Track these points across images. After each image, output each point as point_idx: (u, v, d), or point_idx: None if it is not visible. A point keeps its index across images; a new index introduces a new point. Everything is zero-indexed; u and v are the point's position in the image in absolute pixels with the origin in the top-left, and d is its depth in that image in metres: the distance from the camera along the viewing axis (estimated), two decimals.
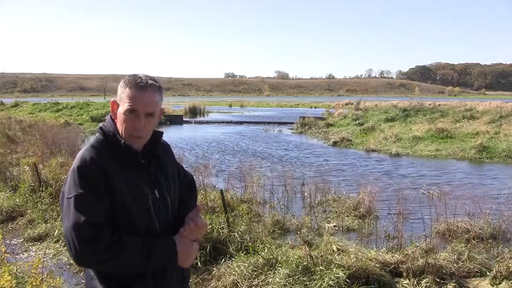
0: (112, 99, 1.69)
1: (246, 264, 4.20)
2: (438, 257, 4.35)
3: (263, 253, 4.34)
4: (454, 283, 4.06)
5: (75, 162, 1.58)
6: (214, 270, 4.35)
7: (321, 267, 3.96)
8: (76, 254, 1.47)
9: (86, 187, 1.52)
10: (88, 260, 1.52)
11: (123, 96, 1.63)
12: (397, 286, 4.09)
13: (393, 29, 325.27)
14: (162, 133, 1.78)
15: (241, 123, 27.35)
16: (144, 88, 1.62)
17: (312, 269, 3.99)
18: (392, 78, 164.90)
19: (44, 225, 5.67)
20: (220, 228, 4.97)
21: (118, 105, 1.66)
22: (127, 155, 1.64)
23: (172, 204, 1.77)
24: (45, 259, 4.54)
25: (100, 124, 1.72)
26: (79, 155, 1.61)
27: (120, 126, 1.64)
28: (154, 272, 1.62)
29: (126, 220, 1.58)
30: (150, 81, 1.64)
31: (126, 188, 1.58)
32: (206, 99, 66.44)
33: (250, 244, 4.62)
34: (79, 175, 1.53)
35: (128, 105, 1.60)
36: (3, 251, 3.48)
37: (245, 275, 4.07)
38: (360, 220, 6.37)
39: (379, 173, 10.93)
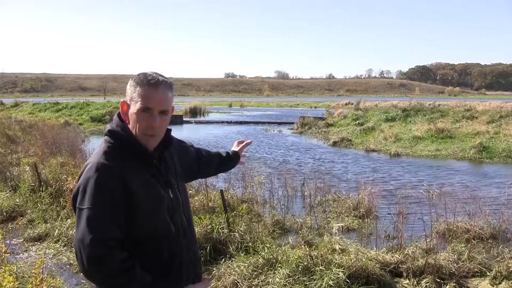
0: (122, 100, 1.63)
1: (246, 264, 4.19)
2: (438, 257, 4.35)
3: (263, 253, 4.34)
4: (454, 283, 4.06)
5: (90, 171, 1.50)
6: (214, 270, 4.35)
7: (321, 267, 3.95)
8: (84, 269, 1.45)
9: (102, 201, 1.45)
10: (95, 277, 1.47)
11: (134, 95, 1.57)
12: (397, 286, 4.09)
13: (393, 29, 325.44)
14: (170, 130, 1.73)
15: (241, 123, 27.34)
16: (156, 85, 1.57)
17: (312, 269, 3.98)
18: (392, 78, 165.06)
19: (44, 225, 5.67)
20: (220, 228, 4.97)
21: (128, 106, 1.60)
22: (141, 157, 1.59)
23: (183, 203, 1.74)
24: (45, 259, 4.54)
25: (108, 127, 1.63)
26: (93, 163, 1.52)
27: (134, 126, 1.58)
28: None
29: (145, 224, 1.54)
30: (161, 78, 1.60)
31: (143, 192, 1.54)
32: (206, 99, 66.40)
33: (250, 244, 4.62)
34: (95, 186, 1.46)
35: (141, 104, 1.55)
36: (3, 251, 3.48)
37: (245, 275, 4.06)
38: (360, 220, 6.36)
39: (379, 173, 10.94)
